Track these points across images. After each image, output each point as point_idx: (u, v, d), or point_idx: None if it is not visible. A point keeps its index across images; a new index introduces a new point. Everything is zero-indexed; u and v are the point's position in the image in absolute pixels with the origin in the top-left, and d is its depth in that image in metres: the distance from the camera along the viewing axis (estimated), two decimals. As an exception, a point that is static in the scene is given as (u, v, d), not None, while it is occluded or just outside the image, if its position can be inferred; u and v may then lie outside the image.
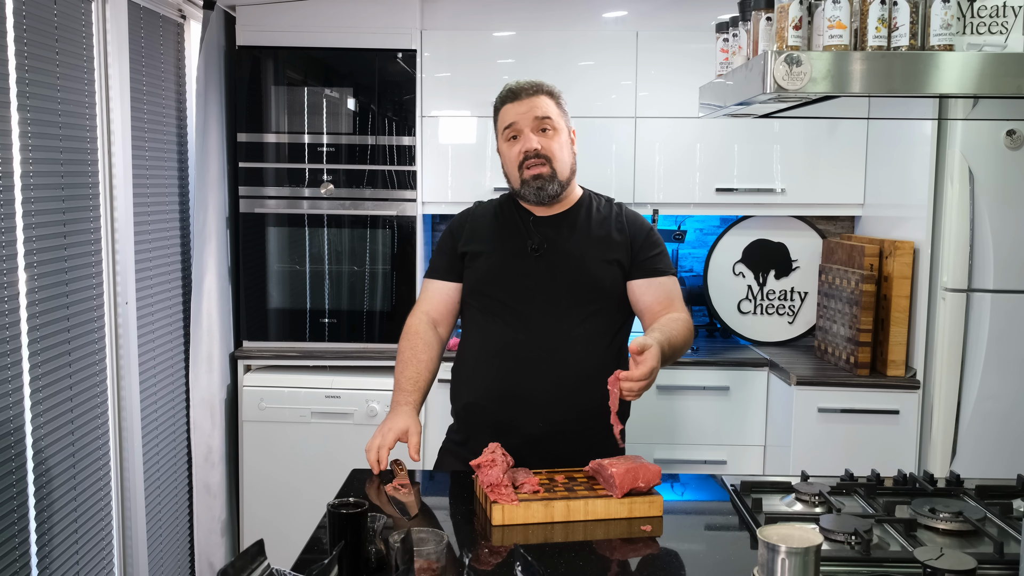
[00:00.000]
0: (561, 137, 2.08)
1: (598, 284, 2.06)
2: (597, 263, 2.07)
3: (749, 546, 1.63)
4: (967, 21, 1.64)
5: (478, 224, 2.16)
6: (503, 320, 2.06)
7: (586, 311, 2.05)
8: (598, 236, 2.09)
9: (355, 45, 3.28)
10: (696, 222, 3.76)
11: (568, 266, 2.06)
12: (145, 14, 2.83)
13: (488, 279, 2.09)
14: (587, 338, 2.04)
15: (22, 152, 2.16)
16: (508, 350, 2.04)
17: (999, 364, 2.88)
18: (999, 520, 1.69)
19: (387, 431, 1.95)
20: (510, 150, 2.09)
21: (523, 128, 2.06)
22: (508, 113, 2.09)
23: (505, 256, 2.09)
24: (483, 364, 2.07)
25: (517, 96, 2.08)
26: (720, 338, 3.66)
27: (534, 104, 2.06)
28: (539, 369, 2.01)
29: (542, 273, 2.05)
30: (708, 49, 2.21)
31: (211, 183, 3.14)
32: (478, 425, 2.06)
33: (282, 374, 3.30)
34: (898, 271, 3.00)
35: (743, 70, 1.72)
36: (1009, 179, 2.85)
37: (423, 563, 1.39)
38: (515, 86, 2.10)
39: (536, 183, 2.05)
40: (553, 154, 2.06)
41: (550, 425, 2.00)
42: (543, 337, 2.03)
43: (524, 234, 2.09)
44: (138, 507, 2.78)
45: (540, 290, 2.04)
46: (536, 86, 2.09)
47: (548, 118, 2.06)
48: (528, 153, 2.04)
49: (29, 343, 2.21)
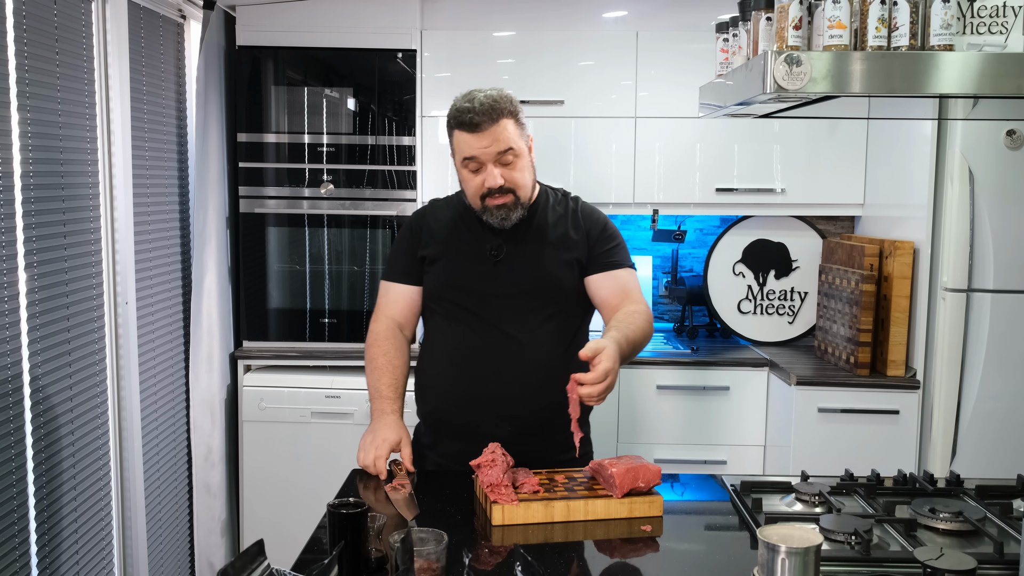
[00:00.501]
0: (523, 161, 2.01)
1: (558, 286, 2.06)
2: (556, 264, 2.06)
3: (749, 546, 1.63)
4: (967, 21, 1.64)
5: (436, 226, 2.13)
6: (465, 324, 2.05)
7: (547, 312, 2.05)
8: (556, 236, 2.08)
9: (355, 45, 3.28)
10: (696, 222, 3.76)
11: (527, 270, 2.05)
12: (145, 14, 2.83)
13: (448, 284, 2.08)
14: (549, 339, 2.05)
15: (22, 152, 2.16)
16: (471, 355, 2.04)
17: (999, 364, 2.88)
18: (999, 520, 1.68)
19: (381, 442, 1.96)
20: (471, 179, 2.01)
21: (485, 162, 1.98)
22: (467, 145, 1.98)
23: (464, 261, 2.07)
24: (447, 369, 2.08)
25: (475, 126, 1.95)
26: (720, 338, 3.66)
27: (496, 136, 1.95)
28: (502, 373, 2.02)
29: (502, 277, 2.04)
30: (708, 49, 2.21)
31: (211, 183, 3.14)
32: (445, 430, 2.08)
33: (282, 374, 3.30)
34: (898, 271, 3.00)
35: (743, 70, 1.72)
36: (1009, 179, 2.85)
37: (423, 563, 1.39)
38: (471, 113, 1.95)
39: (500, 212, 2.01)
40: (517, 184, 1.99)
41: (516, 427, 2.00)
42: (505, 341, 2.03)
43: (482, 238, 2.07)
44: (138, 507, 2.78)
45: (500, 295, 2.04)
46: (494, 110, 1.95)
47: (511, 149, 1.97)
48: (492, 189, 1.98)
49: (29, 343, 2.21)
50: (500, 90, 2.01)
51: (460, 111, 1.97)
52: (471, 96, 1.99)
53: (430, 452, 2.11)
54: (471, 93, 2.00)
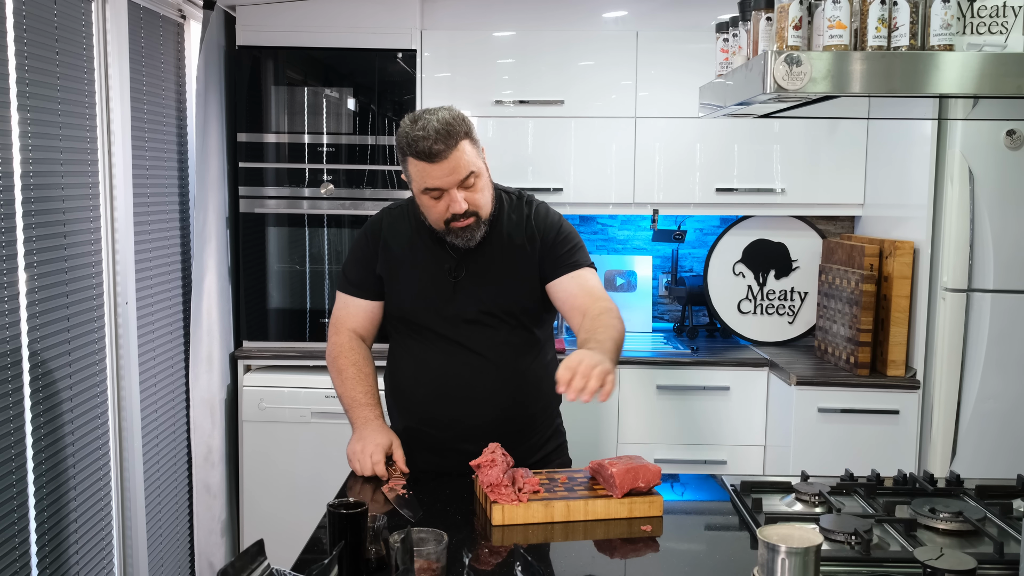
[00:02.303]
0: (483, 180, 1.97)
1: (517, 301, 2.04)
2: (514, 280, 2.04)
3: (749, 546, 1.63)
4: (967, 21, 1.64)
5: (393, 242, 2.08)
6: (429, 344, 2.05)
7: (509, 326, 2.04)
8: (512, 249, 2.04)
9: (355, 45, 3.28)
10: (696, 222, 3.76)
11: (487, 289, 2.02)
12: (145, 14, 2.83)
13: (409, 307, 2.06)
14: (514, 352, 2.04)
15: (22, 152, 2.16)
16: (438, 374, 2.04)
17: (999, 364, 2.88)
18: (999, 520, 1.68)
19: (374, 447, 1.95)
20: (433, 206, 1.95)
21: (447, 189, 1.92)
22: (427, 175, 1.90)
23: (424, 283, 2.04)
24: (415, 388, 2.07)
25: (433, 156, 1.87)
26: (720, 338, 3.66)
27: (456, 164, 1.89)
28: (470, 390, 2.02)
29: (463, 298, 2.02)
30: (708, 49, 2.21)
31: (211, 183, 3.14)
32: (418, 446, 2.07)
33: (282, 374, 3.30)
34: (898, 271, 3.00)
35: (743, 70, 1.72)
36: (1009, 179, 2.85)
37: (423, 563, 1.39)
38: (427, 140, 1.86)
39: (465, 234, 1.97)
40: (479, 205, 1.96)
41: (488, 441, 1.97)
42: (470, 358, 2.02)
43: (440, 256, 2.04)
44: (138, 507, 2.78)
45: (463, 314, 2.02)
46: (451, 135, 1.88)
47: (472, 172, 1.92)
48: (457, 214, 1.93)
49: (29, 343, 2.21)
50: (450, 109, 1.94)
51: (415, 139, 1.88)
52: (423, 122, 1.89)
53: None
54: (423, 118, 1.90)
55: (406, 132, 1.91)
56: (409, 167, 1.94)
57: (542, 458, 2.11)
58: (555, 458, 2.16)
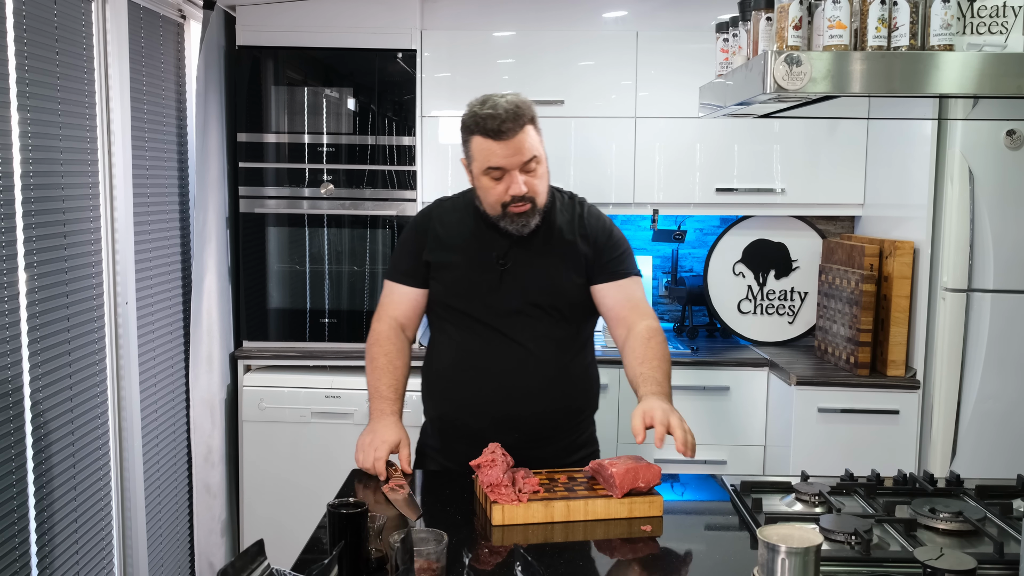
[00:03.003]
0: (544, 166, 2.00)
1: (563, 295, 2.04)
2: (562, 274, 2.04)
3: (749, 546, 1.63)
4: (967, 21, 1.64)
5: (442, 230, 2.10)
6: (471, 332, 2.05)
7: (552, 319, 2.04)
8: (563, 246, 2.05)
9: (355, 45, 3.28)
10: (696, 222, 3.76)
11: (534, 280, 2.03)
12: (145, 14, 2.83)
13: (455, 293, 2.06)
14: (555, 346, 2.04)
15: (22, 152, 2.16)
16: (478, 362, 2.04)
17: (999, 364, 2.88)
18: (999, 520, 1.68)
19: (380, 444, 1.95)
20: (492, 187, 1.97)
21: (510, 170, 1.94)
22: (491, 153, 1.93)
23: (471, 270, 2.05)
24: (454, 375, 2.07)
25: (501, 134, 1.91)
26: (720, 338, 3.66)
27: (521, 145, 1.92)
28: (508, 380, 2.02)
29: (509, 287, 2.02)
30: (708, 49, 2.21)
31: (211, 183, 3.14)
32: (452, 434, 2.08)
33: (282, 374, 3.30)
34: (898, 271, 3.00)
35: (743, 70, 1.72)
36: (1009, 179, 2.85)
37: (423, 563, 1.39)
38: (496, 119, 1.91)
39: (520, 220, 1.99)
40: (537, 191, 1.98)
41: (522, 433, 2.00)
42: (511, 348, 2.02)
43: (489, 244, 2.05)
44: (138, 507, 2.78)
45: (507, 304, 2.02)
46: (519, 117, 1.92)
47: (535, 156, 1.95)
48: (516, 197, 1.95)
49: (29, 343, 2.21)
50: (517, 95, 1.96)
51: (483, 118, 1.92)
52: (493, 102, 1.93)
53: (436, 454, 2.12)
54: (491, 99, 1.94)
55: (474, 112, 1.95)
56: (473, 146, 1.97)
57: (574, 463, 2.07)
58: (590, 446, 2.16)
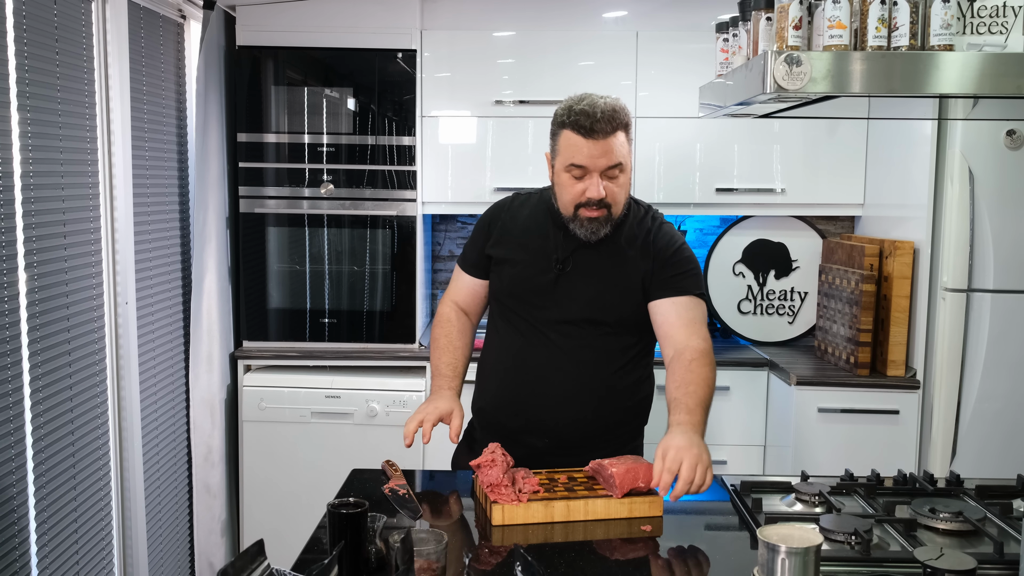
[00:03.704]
0: (626, 176, 1.96)
1: (615, 310, 2.01)
2: (618, 289, 2.01)
3: (749, 546, 1.63)
4: (967, 21, 1.64)
5: (510, 224, 2.10)
6: (519, 331, 2.05)
7: (599, 331, 2.02)
8: (625, 260, 2.01)
9: (355, 45, 3.28)
10: (696, 222, 3.76)
11: (589, 288, 2.01)
12: (145, 14, 2.83)
13: (509, 290, 2.07)
14: (598, 358, 2.02)
15: (22, 152, 2.16)
16: (521, 363, 2.04)
17: (999, 364, 2.88)
18: (999, 520, 1.69)
19: (431, 409, 1.95)
20: (571, 186, 1.94)
21: (592, 171, 1.91)
22: (578, 150, 1.90)
23: (529, 269, 2.04)
24: (498, 373, 2.09)
25: (593, 132, 1.88)
26: (720, 338, 3.66)
27: (609, 148, 1.89)
28: (546, 385, 2.01)
29: (562, 292, 2.01)
30: (708, 49, 2.21)
31: (211, 183, 3.14)
32: (490, 430, 2.08)
33: (282, 374, 3.30)
34: (898, 271, 3.00)
35: (743, 70, 1.72)
36: (1009, 179, 2.85)
37: (423, 563, 1.39)
38: (592, 119, 1.88)
39: (591, 225, 1.96)
40: (616, 200, 1.95)
41: (553, 440, 2.00)
42: (554, 354, 2.02)
43: (553, 245, 2.03)
44: (138, 507, 2.78)
45: (557, 308, 2.01)
46: (614, 119, 1.89)
47: (620, 164, 1.92)
48: (592, 200, 1.93)
49: (29, 343, 2.21)
50: (617, 99, 1.94)
51: (579, 113, 1.89)
52: (591, 100, 1.91)
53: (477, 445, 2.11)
54: (590, 96, 1.92)
55: (570, 106, 1.92)
56: (561, 140, 1.94)
57: None
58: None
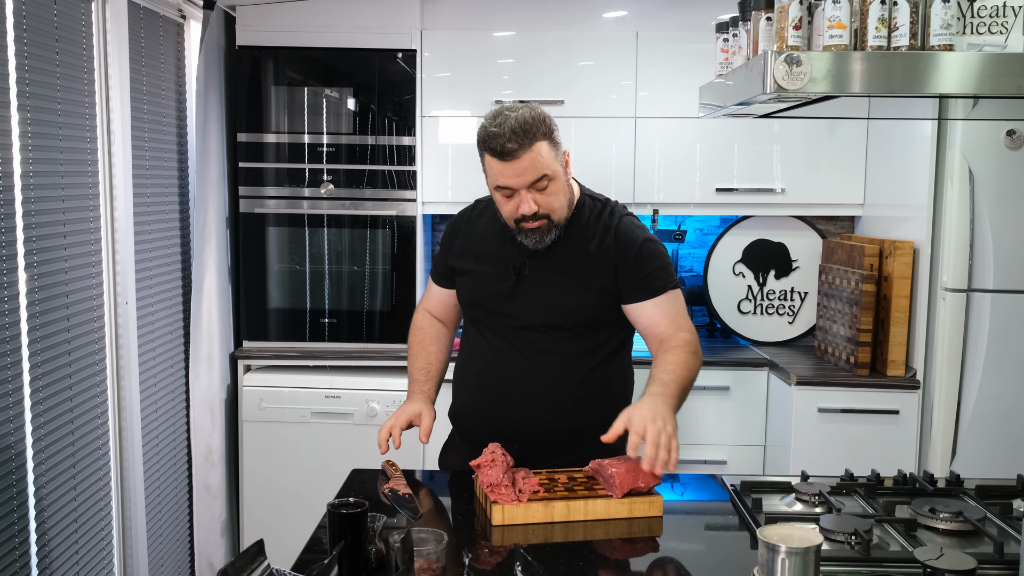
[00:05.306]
0: (558, 183, 1.91)
1: (575, 312, 1.98)
2: (578, 290, 1.98)
3: (749, 546, 1.63)
4: (967, 21, 1.64)
5: (469, 234, 2.10)
6: (486, 340, 2.05)
7: (562, 335, 1.99)
8: (586, 259, 1.98)
9: (355, 45, 3.28)
10: (696, 222, 3.76)
11: (548, 292, 1.99)
12: (145, 14, 2.83)
13: (472, 300, 2.07)
14: (563, 363, 1.99)
15: (22, 152, 2.16)
16: (490, 370, 2.04)
17: (999, 364, 2.88)
18: (999, 520, 1.69)
19: (400, 414, 1.99)
20: (505, 203, 1.93)
21: (518, 189, 1.88)
22: (499, 173, 1.87)
23: (488, 278, 2.03)
24: (469, 379, 2.10)
25: (506, 155, 1.83)
26: (720, 338, 3.66)
27: (528, 164, 1.85)
28: (514, 391, 2.00)
29: (521, 298, 2.00)
30: (708, 49, 2.21)
31: (211, 183, 3.14)
32: (464, 435, 2.11)
33: (282, 374, 3.30)
34: (898, 271, 3.00)
35: (743, 70, 1.72)
36: (1009, 179, 2.85)
37: (423, 563, 1.39)
38: (502, 139, 1.83)
39: (534, 236, 1.94)
40: (552, 208, 1.91)
41: (523, 445, 1.97)
42: (519, 360, 2.00)
43: (510, 251, 2.01)
44: (138, 507, 2.78)
45: (518, 314, 2.00)
46: (527, 135, 1.83)
47: (544, 176, 1.87)
48: (525, 215, 1.90)
49: (29, 343, 2.21)
50: (533, 108, 1.89)
51: (490, 136, 1.85)
52: (502, 118, 1.85)
53: (455, 451, 2.15)
54: (502, 113, 1.86)
55: (484, 127, 1.87)
56: (484, 162, 1.92)
57: None
58: None
